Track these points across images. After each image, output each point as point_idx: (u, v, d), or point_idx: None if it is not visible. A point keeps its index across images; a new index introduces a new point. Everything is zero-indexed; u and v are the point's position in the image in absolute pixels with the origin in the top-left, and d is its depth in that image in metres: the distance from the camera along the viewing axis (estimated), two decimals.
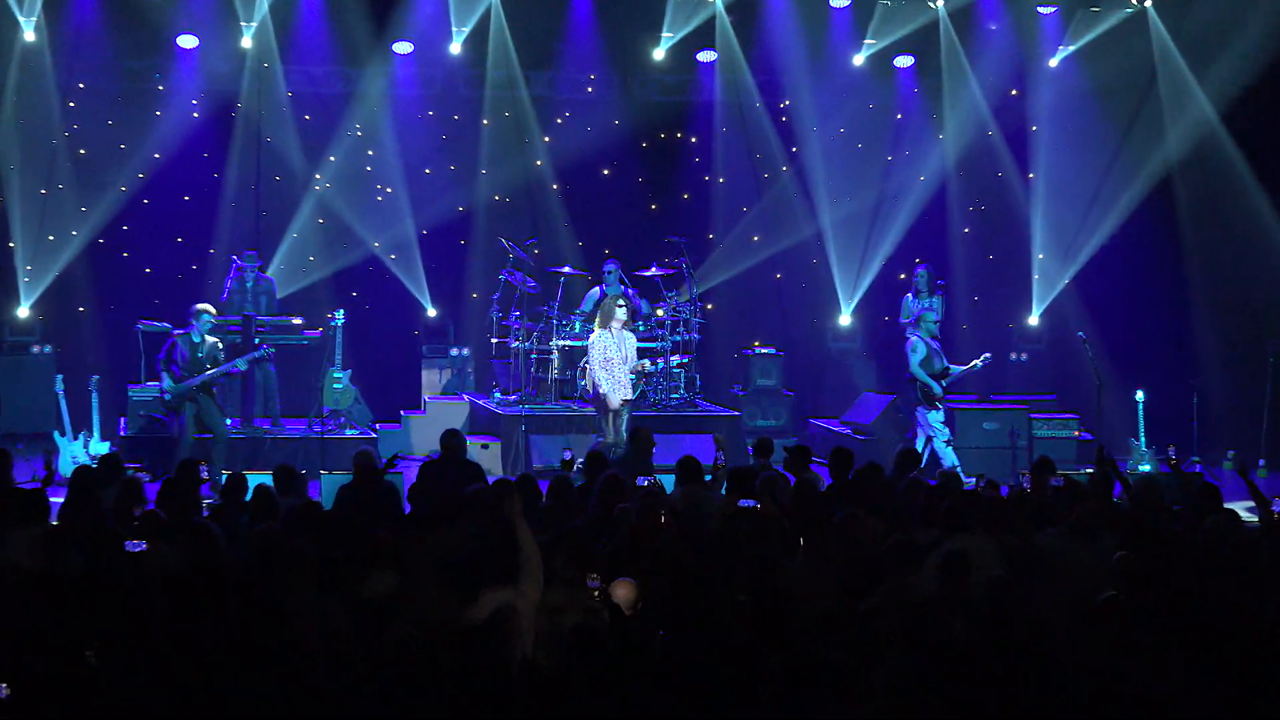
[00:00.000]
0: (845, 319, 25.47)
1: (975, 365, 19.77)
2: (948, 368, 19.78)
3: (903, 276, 24.28)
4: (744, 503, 12.55)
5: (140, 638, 8.85)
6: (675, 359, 21.81)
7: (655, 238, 23.78)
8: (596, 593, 10.21)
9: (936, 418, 19.63)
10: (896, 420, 21.97)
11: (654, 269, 22.59)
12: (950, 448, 19.55)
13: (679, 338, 22.03)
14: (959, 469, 17.84)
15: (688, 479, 13.98)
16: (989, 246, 25.98)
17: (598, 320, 18.35)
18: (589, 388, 18.22)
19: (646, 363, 18.33)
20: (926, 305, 21.75)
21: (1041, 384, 24.23)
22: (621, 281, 22.30)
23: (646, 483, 13.25)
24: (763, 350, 24.13)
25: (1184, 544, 12.05)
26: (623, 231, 24.79)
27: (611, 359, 18.03)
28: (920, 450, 18.68)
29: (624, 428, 17.83)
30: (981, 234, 25.87)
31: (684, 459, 14.19)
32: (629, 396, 18.07)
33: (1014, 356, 24.89)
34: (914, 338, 20.14)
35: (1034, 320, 25.12)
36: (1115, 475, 13.91)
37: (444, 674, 8.39)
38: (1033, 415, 22.03)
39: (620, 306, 18.19)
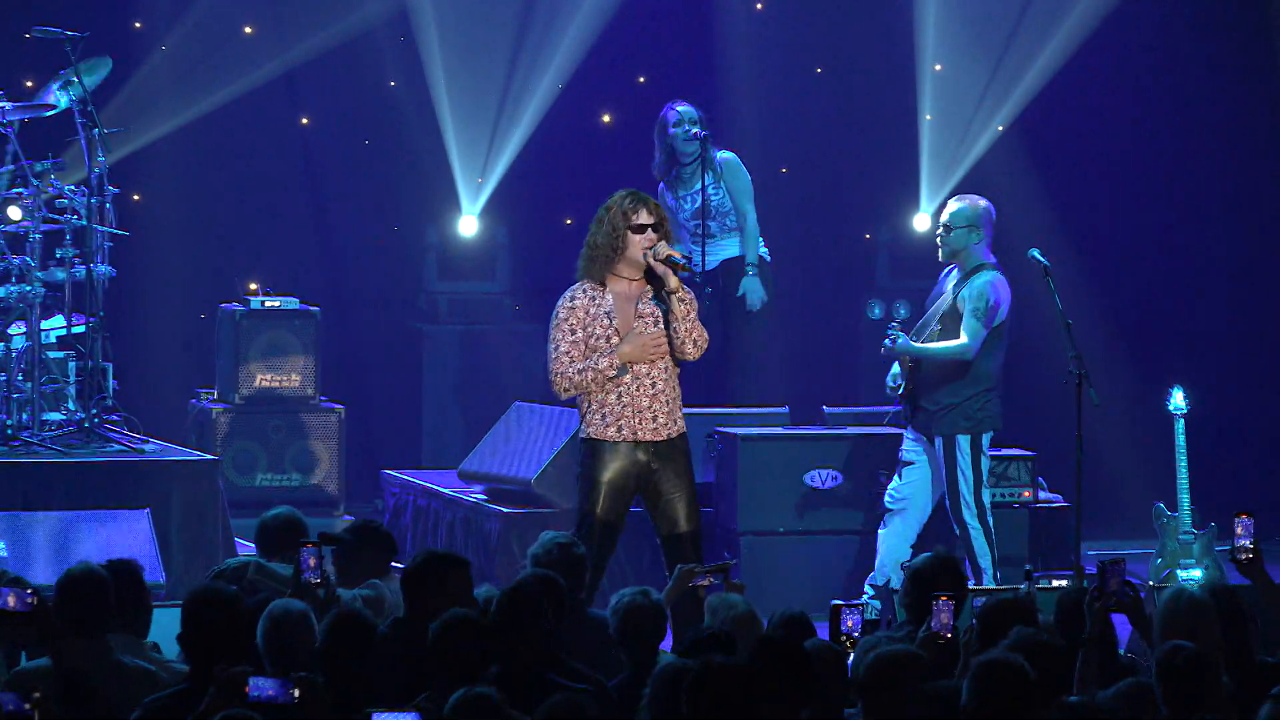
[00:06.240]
0: (468, 224, 19.49)
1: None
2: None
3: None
4: None
5: None
6: (51, 325, 16.49)
7: None
8: None
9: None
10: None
11: None
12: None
13: (62, 274, 16.49)
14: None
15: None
16: (809, 52, 20.57)
17: (583, 273, 12.92)
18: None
19: (663, 247, 12.72)
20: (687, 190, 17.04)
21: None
22: None
23: None
24: (270, 303, 18.42)
25: None
26: None
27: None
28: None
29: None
30: (779, 28, 20.39)
31: (64, 581, 9.90)
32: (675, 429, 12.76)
33: (872, 310, 20.09)
34: None
35: (921, 222, 19.98)
36: (1125, 605, 9.81)
37: None
38: None
39: (651, 235, 12.51)
